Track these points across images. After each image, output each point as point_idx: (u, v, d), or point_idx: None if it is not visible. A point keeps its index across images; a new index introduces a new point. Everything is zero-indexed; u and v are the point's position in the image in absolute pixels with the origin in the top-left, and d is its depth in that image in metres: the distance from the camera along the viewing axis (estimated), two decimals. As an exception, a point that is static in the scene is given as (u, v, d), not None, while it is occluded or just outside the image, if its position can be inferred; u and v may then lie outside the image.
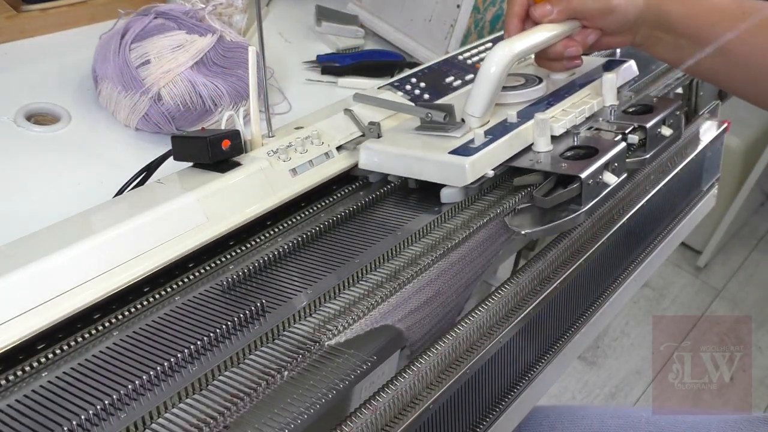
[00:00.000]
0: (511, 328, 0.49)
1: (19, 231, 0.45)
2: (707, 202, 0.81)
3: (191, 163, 0.53)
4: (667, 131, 0.62)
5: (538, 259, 0.54)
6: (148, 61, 0.65)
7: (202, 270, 0.48)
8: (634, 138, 0.59)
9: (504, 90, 0.61)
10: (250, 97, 0.56)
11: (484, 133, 0.55)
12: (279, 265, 0.48)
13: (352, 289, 0.45)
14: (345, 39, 0.90)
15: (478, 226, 0.51)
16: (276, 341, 0.41)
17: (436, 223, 0.52)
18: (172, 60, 0.65)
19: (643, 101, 0.64)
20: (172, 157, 0.55)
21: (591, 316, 0.61)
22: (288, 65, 0.84)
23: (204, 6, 0.73)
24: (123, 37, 0.66)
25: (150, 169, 0.58)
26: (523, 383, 0.54)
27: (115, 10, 0.71)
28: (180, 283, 0.46)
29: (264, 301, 0.43)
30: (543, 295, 0.52)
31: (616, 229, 0.61)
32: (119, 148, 0.67)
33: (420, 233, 0.51)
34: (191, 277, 0.47)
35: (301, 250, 0.50)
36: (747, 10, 0.59)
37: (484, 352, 0.46)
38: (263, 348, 0.40)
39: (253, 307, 0.42)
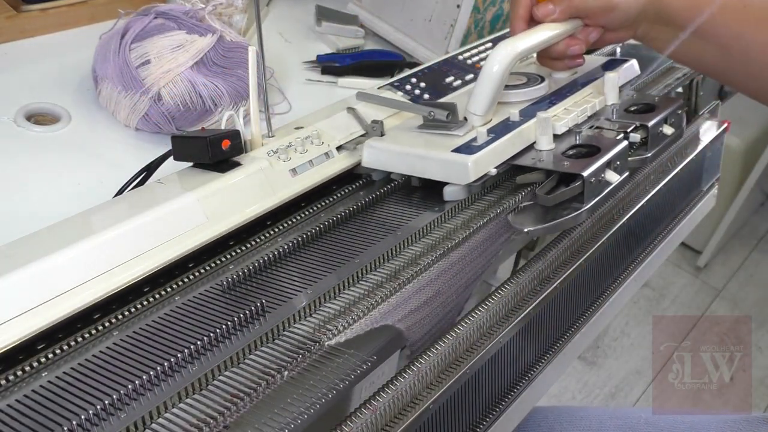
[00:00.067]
0: (511, 328, 0.49)
1: (19, 231, 0.45)
2: (707, 202, 0.81)
3: (191, 163, 0.53)
4: (668, 130, 0.62)
5: (538, 259, 0.54)
6: (148, 61, 0.65)
7: (202, 270, 0.48)
8: (636, 137, 0.59)
9: (506, 89, 0.61)
10: (250, 97, 0.56)
11: (486, 132, 0.55)
12: (279, 265, 0.48)
13: (352, 289, 0.45)
14: (345, 39, 0.90)
15: (480, 225, 0.52)
16: (276, 341, 0.41)
17: (439, 221, 0.52)
18: (172, 60, 0.65)
19: (645, 100, 0.64)
20: (172, 157, 0.55)
21: (591, 316, 0.61)
22: (288, 65, 0.84)
23: (204, 6, 0.73)
24: (123, 37, 0.66)
25: (150, 169, 0.58)
26: (523, 383, 0.54)
27: (115, 10, 0.71)
28: (180, 283, 0.46)
29: (264, 301, 0.43)
30: (543, 295, 0.52)
31: (616, 229, 0.61)
32: (119, 148, 0.67)
33: (423, 231, 0.51)
34: (191, 277, 0.47)
35: (301, 250, 0.50)
36: (748, 4, 0.59)
37: (484, 352, 0.46)
38: (263, 348, 0.40)
39: (253, 307, 0.42)
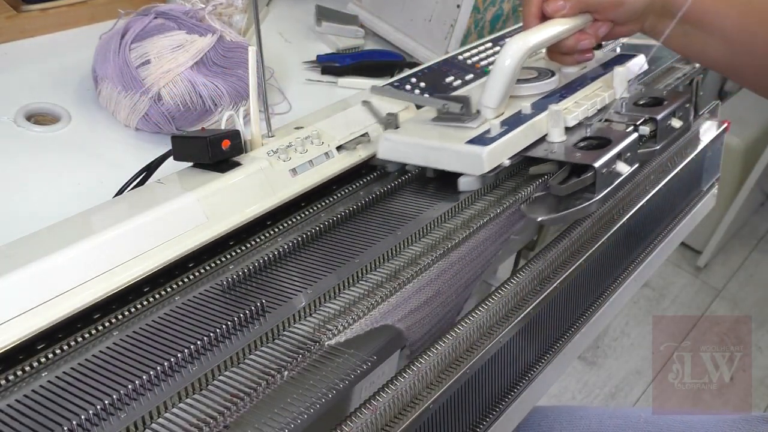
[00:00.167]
0: (511, 328, 0.49)
1: (19, 231, 0.45)
2: (707, 202, 0.81)
3: (191, 163, 0.53)
4: (677, 123, 0.63)
5: (538, 259, 0.54)
6: (148, 61, 0.65)
7: (202, 270, 0.48)
8: (645, 129, 0.60)
9: (518, 83, 0.62)
10: (250, 97, 0.56)
11: (500, 124, 0.57)
12: (279, 265, 0.48)
13: (352, 289, 0.45)
14: (345, 39, 0.91)
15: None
16: (276, 341, 0.41)
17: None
18: (172, 60, 0.65)
19: (653, 94, 0.65)
20: (172, 157, 0.55)
21: (591, 316, 0.61)
22: (288, 65, 0.84)
23: (204, 6, 0.73)
24: (123, 37, 0.66)
25: (150, 169, 0.58)
26: (523, 383, 0.54)
27: (115, 10, 0.71)
28: (180, 283, 0.46)
29: (264, 301, 0.43)
30: (543, 295, 0.52)
31: (616, 229, 0.61)
32: (119, 148, 0.67)
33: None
34: (191, 277, 0.47)
35: (301, 250, 0.50)
36: None
37: (484, 352, 0.46)
38: (263, 348, 0.40)
39: (253, 307, 0.42)
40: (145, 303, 0.44)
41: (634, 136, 0.57)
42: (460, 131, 0.57)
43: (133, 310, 0.44)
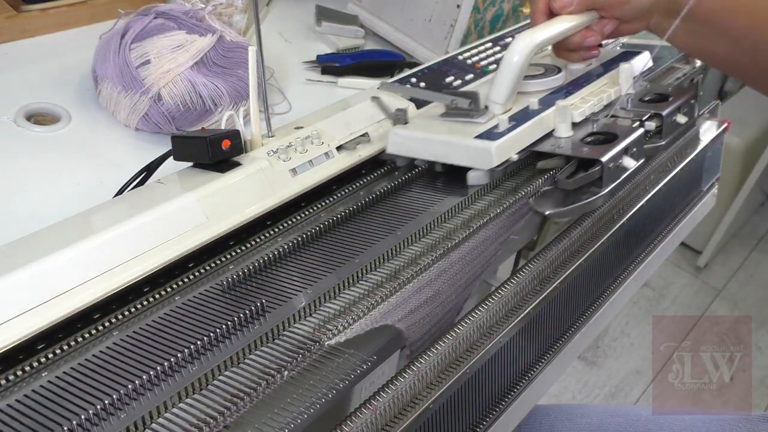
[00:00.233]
0: (511, 328, 0.49)
1: (19, 231, 0.45)
2: (707, 202, 0.81)
3: (191, 163, 0.53)
4: (682, 119, 0.64)
5: (538, 259, 0.54)
6: (148, 61, 0.65)
7: (202, 270, 0.48)
8: (651, 125, 0.61)
9: (525, 79, 0.63)
10: (250, 97, 0.56)
11: (507, 119, 0.57)
12: (279, 265, 0.48)
13: (352, 289, 0.45)
14: (345, 39, 0.91)
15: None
16: (276, 341, 0.41)
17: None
18: (172, 60, 0.65)
19: (659, 90, 0.66)
20: (172, 157, 0.55)
21: (591, 316, 0.61)
22: (288, 65, 0.84)
23: (204, 6, 0.73)
24: (123, 37, 0.66)
25: (150, 169, 0.58)
26: (523, 383, 0.54)
27: (115, 10, 0.71)
28: (180, 283, 0.46)
29: (264, 301, 0.43)
30: (543, 295, 0.52)
31: (616, 229, 0.61)
32: (119, 148, 0.67)
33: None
34: (191, 277, 0.47)
35: (301, 250, 0.50)
36: None
37: (484, 351, 0.46)
38: (263, 348, 0.40)
39: (253, 307, 0.42)
40: (145, 303, 0.44)
41: (641, 131, 0.57)
42: (469, 126, 0.58)
43: (133, 310, 0.44)
